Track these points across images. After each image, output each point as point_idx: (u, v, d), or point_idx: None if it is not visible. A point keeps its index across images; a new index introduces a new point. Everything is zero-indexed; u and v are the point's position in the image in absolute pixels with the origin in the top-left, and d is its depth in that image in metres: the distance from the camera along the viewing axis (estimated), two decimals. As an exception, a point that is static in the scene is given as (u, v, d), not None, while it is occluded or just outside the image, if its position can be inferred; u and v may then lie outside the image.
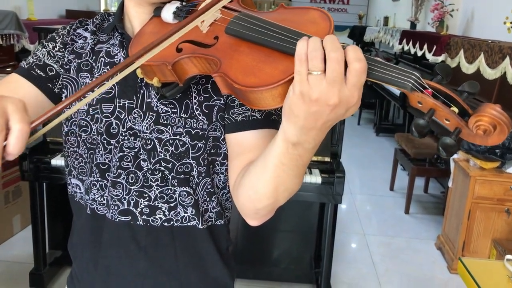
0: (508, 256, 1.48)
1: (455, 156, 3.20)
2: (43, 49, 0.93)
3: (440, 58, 4.39)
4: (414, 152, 3.94)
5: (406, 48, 5.36)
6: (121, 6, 0.95)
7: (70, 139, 0.92)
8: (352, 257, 3.25)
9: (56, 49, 0.93)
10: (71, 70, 0.92)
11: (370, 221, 3.84)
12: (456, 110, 0.58)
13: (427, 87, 0.59)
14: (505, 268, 1.45)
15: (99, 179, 0.91)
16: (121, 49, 0.92)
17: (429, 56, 4.52)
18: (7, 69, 4.40)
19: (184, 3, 0.84)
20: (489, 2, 4.21)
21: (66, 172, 0.98)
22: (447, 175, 3.36)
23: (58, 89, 0.92)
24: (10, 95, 0.82)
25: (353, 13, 10.57)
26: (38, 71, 0.90)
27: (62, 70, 0.92)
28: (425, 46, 4.65)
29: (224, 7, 0.77)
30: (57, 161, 2.37)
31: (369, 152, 5.75)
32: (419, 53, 4.81)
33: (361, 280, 2.99)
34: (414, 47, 5.04)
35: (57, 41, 0.94)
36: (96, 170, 0.91)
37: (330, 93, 0.58)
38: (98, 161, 0.90)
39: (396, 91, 5.40)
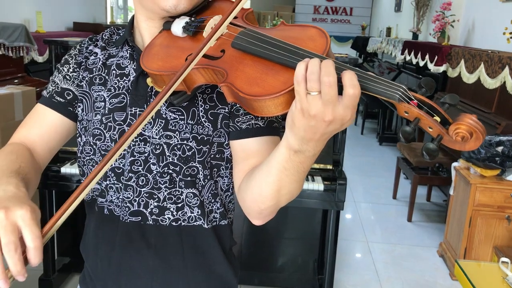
0: (503, 259, 1.53)
1: (456, 164, 3.25)
2: (59, 74, 1.01)
3: (441, 68, 4.46)
4: (416, 161, 3.99)
5: (408, 58, 5.43)
6: (131, 21, 1.03)
7: (86, 148, 0.99)
8: (356, 264, 3.29)
9: (71, 70, 1.01)
10: (84, 85, 1.00)
11: (373, 228, 3.88)
12: (438, 119, 0.66)
13: (413, 98, 0.66)
14: (500, 269, 1.50)
15: (115, 182, 0.98)
16: (131, 61, 0.99)
17: (431, 66, 4.59)
18: (15, 81, 4.49)
19: (192, 18, 0.91)
20: (489, 13, 4.28)
21: (82, 180, 1.04)
22: (449, 183, 3.41)
23: (77, 111, 1.00)
24: (37, 125, 0.98)
25: (356, 24, 10.68)
26: (58, 98, 0.99)
27: (77, 88, 1.00)
28: (427, 57, 4.72)
29: (230, 23, 0.84)
30: (67, 169, 2.44)
31: (373, 161, 5.79)
32: (421, 63, 4.88)
33: (364, 286, 3.03)
34: (416, 58, 5.11)
35: (70, 62, 1.02)
36: (112, 174, 0.97)
37: (325, 111, 0.65)
38: (114, 165, 0.97)
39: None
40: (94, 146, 0.97)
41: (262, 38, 0.78)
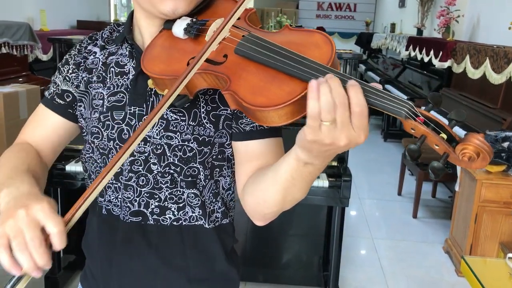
0: (510, 254, 1.52)
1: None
2: (60, 75, 1.01)
3: (446, 64, 4.43)
4: (421, 157, 3.97)
5: (412, 54, 5.40)
6: (130, 17, 1.00)
7: (86, 146, 0.99)
8: (361, 261, 3.29)
9: (70, 71, 1.00)
10: (82, 85, 0.99)
11: (378, 225, 3.87)
12: (444, 136, 0.65)
13: (420, 115, 0.65)
14: (507, 266, 1.49)
15: (114, 181, 0.97)
16: (130, 59, 0.97)
17: (435, 62, 4.56)
18: (20, 79, 4.50)
19: (194, 19, 0.89)
20: (494, 7, 4.25)
21: (86, 176, 1.04)
22: (455, 179, 3.39)
23: (78, 111, 1.00)
24: (40, 127, 1.00)
25: (360, 20, 10.63)
26: (58, 100, 0.99)
27: (76, 89, 0.99)
28: (432, 52, 4.70)
29: (232, 25, 0.82)
30: (71, 167, 2.44)
31: (377, 157, 5.78)
32: (426, 59, 4.86)
33: (369, 283, 3.02)
34: (420, 53, 5.08)
35: (70, 63, 1.01)
36: None
37: (340, 137, 0.64)
38: None
39: (404, 97, 5.44)
40: (92, 145, 0.96)
41: (266, 46, 0.75)
